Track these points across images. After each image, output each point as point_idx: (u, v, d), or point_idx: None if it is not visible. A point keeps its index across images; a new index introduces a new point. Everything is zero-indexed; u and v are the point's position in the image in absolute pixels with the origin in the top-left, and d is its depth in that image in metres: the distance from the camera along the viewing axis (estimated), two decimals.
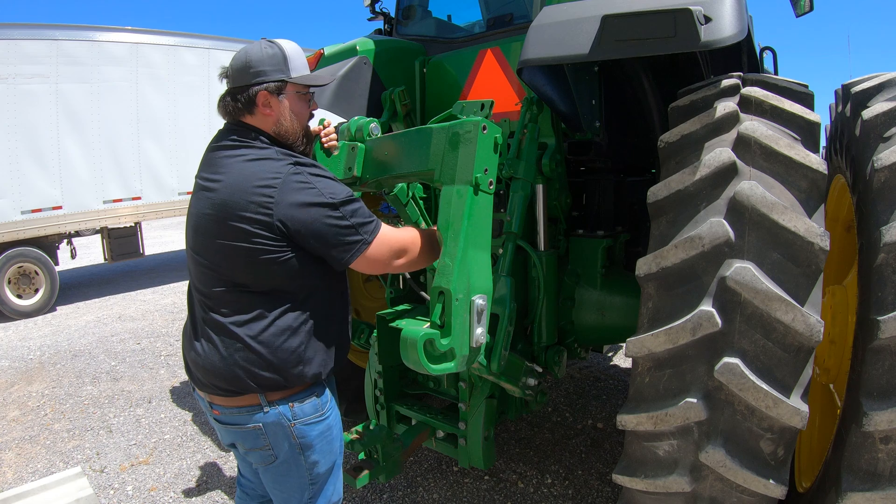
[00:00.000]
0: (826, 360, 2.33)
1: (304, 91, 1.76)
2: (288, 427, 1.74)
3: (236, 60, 1.73)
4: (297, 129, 1.76)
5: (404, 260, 1.73)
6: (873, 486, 1.64)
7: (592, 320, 2.89)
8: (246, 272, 1.64)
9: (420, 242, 1.78)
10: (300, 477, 1.84)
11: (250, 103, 1.69)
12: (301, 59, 1.76)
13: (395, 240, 1.71)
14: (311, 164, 1.68)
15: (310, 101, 1.82)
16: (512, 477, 3.32)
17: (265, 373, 1.67)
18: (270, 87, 1.68)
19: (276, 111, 1.71)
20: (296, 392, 1.75)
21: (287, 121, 1.73)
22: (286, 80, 1.70)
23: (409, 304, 3.01)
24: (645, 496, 1.86)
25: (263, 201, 1.55)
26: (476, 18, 3.56)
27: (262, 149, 1.67)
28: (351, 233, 1.61)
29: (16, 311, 7.84)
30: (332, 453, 1.89)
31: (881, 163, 1.79)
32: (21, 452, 3.93)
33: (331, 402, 1.87)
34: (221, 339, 1.69)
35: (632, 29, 2.01)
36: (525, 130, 2.57)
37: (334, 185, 1.65)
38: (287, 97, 1.72)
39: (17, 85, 7.69)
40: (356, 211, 1.64)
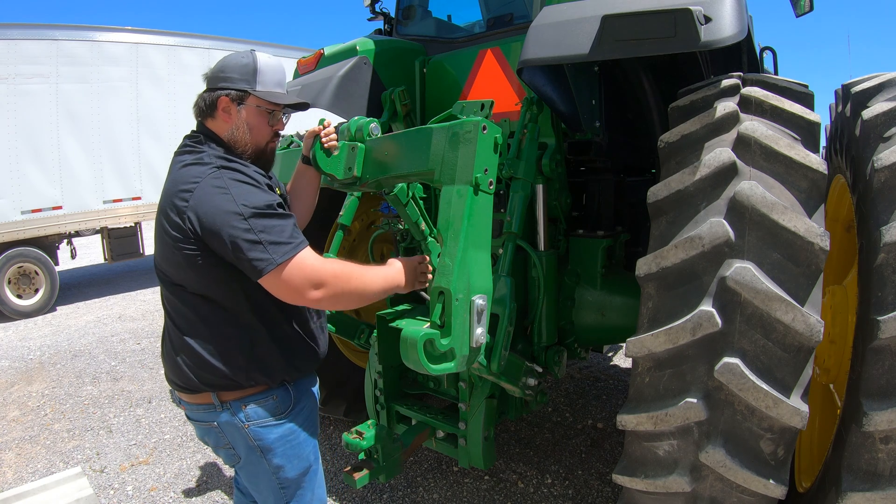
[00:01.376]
0: (826, 360, 2.33)
1: (266, 107, 1.76)
2: (242, 428, 1.74)
3: (216, 65, 1.80)
4: (248, 141, 1.76)
5: (322, 294, 1.55)
6: (873, 486, 1.64)
7: (592, 320, 2.89)
8: (179, 274, 1.66)
9: (352, 281, 1.62)
10: (268, 481, 1.84)
11: (212, 106, 1.73)
12: (274, 76, 1.77)
13: (315, 269, 1.55)
14: (238, 170, 1.61)
15: (271, 120, 1.80)
16: (512, 477, 3.32)
17: (211, 374, 1.70)
18: (231, 95, 1.72)
19: (233, 119, 1.73)
20: (251, 393, 1.74)
21: (240, 131, 1.74)
22: (248, 92, 1.72)
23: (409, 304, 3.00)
24: (645, 496, 1.86)
25: (180, 206, 1.56)
26: (476, 18, 3.56)
27: (199, 153, 1.68)
28: (257, 249, 1.49)
29: (16, 311, 7.84)
30: (300, 458, 1.85)
31: (881, 163, 1.79)
32: (21, 452, 3.93)
33: (297, 405, 1.83)
34: (172, 338, 1.75)
35: (632, 29, 2.01)
36: (525, 130, 2.57)
37: (253, 194, 1.56)
38: (246, 108, 1.73)
39: (17, 85, 7.69)
40: (270, 227, 1.52)
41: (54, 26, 8.06)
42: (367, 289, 1.66)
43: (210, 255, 1.58)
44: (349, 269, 1.64)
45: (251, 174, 1.64)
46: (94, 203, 8.49)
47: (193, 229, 1.55)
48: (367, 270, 1.70)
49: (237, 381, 1.71)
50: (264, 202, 1.55)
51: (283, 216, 1.58)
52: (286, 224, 1.57)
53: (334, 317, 2.88)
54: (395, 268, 1.78)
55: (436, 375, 2.69)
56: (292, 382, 1.83)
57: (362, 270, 1.68)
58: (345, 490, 3.26)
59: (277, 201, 1.61)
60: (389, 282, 1.73)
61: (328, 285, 1.56)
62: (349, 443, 2.52)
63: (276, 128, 1.83)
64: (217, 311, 1.67)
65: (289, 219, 1.59)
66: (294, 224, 1.61)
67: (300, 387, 1.87)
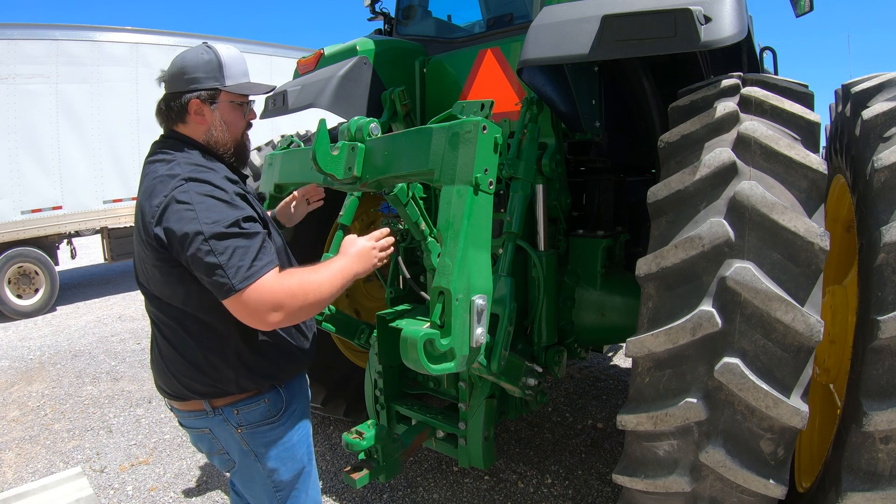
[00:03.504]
0: (826, 360, 2.33)
1: (238, 100, 1.73)
2: (235, 433, 1.73)
3: (173, 66, 1.70)
4: (227, 139, 1.73)
5: (281, 316, 1.49)
6: (873, 486, 1.64)
7: (592, 320, 2.89)
8: (157, 287, 1.64)
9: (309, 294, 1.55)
10: (263, 484, 1.83)
11: (182, 111, 1.67)
12: (239, 67, 1.71)
13: (273, 293, 1.47)
14: (207, 181, 1.54)
15: (245, 111, 1.77)
16: (512, 477, 3.32)
17: (199, 383, 1.69)
18: (202, 96, 1.65)
19: (208, 120, 1.68)
20: (241, 398, 1.73)
21: (218, 130, 1.70)
22: (219, 89, 1.67)
23: (409, 304, 3.00)
24: (645, 496, 1.86)
25: (150, 222, 1.53)
26: (476, 18, 3.56)
27: (170, 162, 1.61)
28: (219, 273, 1.43)
29: (16, 311, 7.84)
30: (294, 460, 1.84)
31: (881, 163, 1.79)
32: (21, 452, 3.93)
33: (289, 408, 1.81)
34: (159, 347, 1.74)
35: (632, 29, 2.01)
36: (525, 130, 2.57)
37: (217, 209, 1.49)
38: (220, 106, 1.68)
39: (17, 85, 7.69)
40: (233, 250, 1.45)
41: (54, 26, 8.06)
42: (324, 294, 1.60)
43: (183, 270, 1.55)
44: (304, 282, 1.55)
45: (220, 184, 1.56)
46: (94, 203, 8.49)
47: (163, 246, 1.52)
48: (322, 274, 1.62)
49: (226, 389, 1.70)
50: (230, 219, 1.48)
51: (249, 235, 1.50)
52: (251, 245, 1.49)
53: (334, 317, 2.88)
54: (348, 256, 1.75)
55: (436, 375, 2.69)
56: (283, 385, 1.81)
57: (317, 277, 1.60)
58: (345, 490, 3.26)
59: (244, 216, 1.53)
60: (346, 274, 1.70)
61: (285, 306, 1.49)
62: (349, 443, 2.52)
63: (249, 118, 1.80)
64: (198, 322, 1.64)
65: (254, 237, 1.51)
66: (262, 241, 1.53)
67: (291, 388, 1.85)
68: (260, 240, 1.52)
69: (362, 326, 3.05)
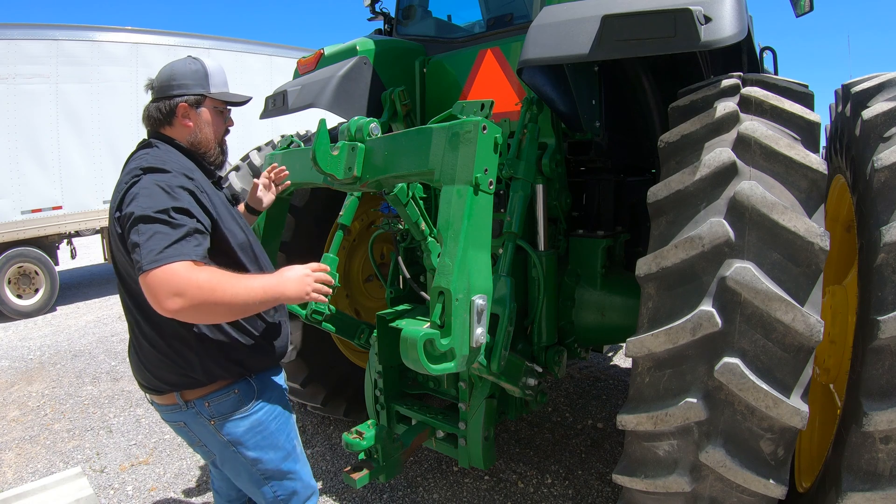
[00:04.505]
0: (826, 360, 2.33)
1: (220, 107, 1.90)
2: (209, 425, 1.78)
3: (162, 74, 1.88)
4: (211, 139, 1.89)
5: (180, 305, 1.47)
6: (873, 486, 1.64)
7: (592, 320, 2.89)
8: (125, 273, 1.74)
9: (217, 291, 1.52)
10: (249, 473, 1.88)
11: (171, 114, 1.83)
12: (221, 77, 1.90)
13: (178, 280, 1.47)
14: (160, 171, 1.63)
15: (226, 118, 1.95)
16: (512, 477, 3.32)
17: (169, 373, 1.74)
18: (190, 100, 1.82)
19: (194, 123, 1.84)
20: (212, 390, 1.78)
21: (202, 132, 1.86)
22: (205, 95, 1.84)
23: (409, 304, 3.00)
24: (645, 496, 1.86)
25: (114, 208, 1.68)
26: (476, 18, 3.56)
27: (143, 157, 1.73)
28: (136, 252, 1.50)
29: (16, 311, 7.84)
30: (275, 448, 1.88)
31: (881, 163, 1.79)
32: (21, 452, 3.93)
33: (261, 396, 1.86)
34: (135, 339, 1.81)
35: (632, 29, 2.01)
36: (525, 130, 2.57)
37: (156, 198, 1.56)
38: (204, 110, 1.86)
39: (17, 85, 7.69)
40: (153, 233, 1.51)
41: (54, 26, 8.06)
42: (236, 300, 1.56)
43: None
44: (218, 281, 1.53)
45: (172, 176, 1.63)
46: (94, 203, 8.48)
47: (117, 226, 1.64)
48: (243, 283, 1.61)
49: (196, 379, 1.75)
50: (161, 207, 1.54)
51: (173, 224, 1.53)
52: (172, 233, 1.51)
53: (334, 317, 2.88)
54: (280, 277, 1.74)
55: (436, 375, 2.70)
56: (253, 375, 1.85)
57: (235, 282, 1.58)
58: (345, 490, 3.26)
59: (176, 206, 1.56)
60: (269, 292, 1.65)
61: (186, 295, 1.47)
62: (349, 443, 2.52)
63: (227, 124, 1.97)
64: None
65: (178, 228, 1.53)
66: (186, 233, 1.54)
67: (262, 379, 1.89)
68: (183, 231, 1.54)
69: (362, 326, 3.05)
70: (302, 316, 2.77)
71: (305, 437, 3.93)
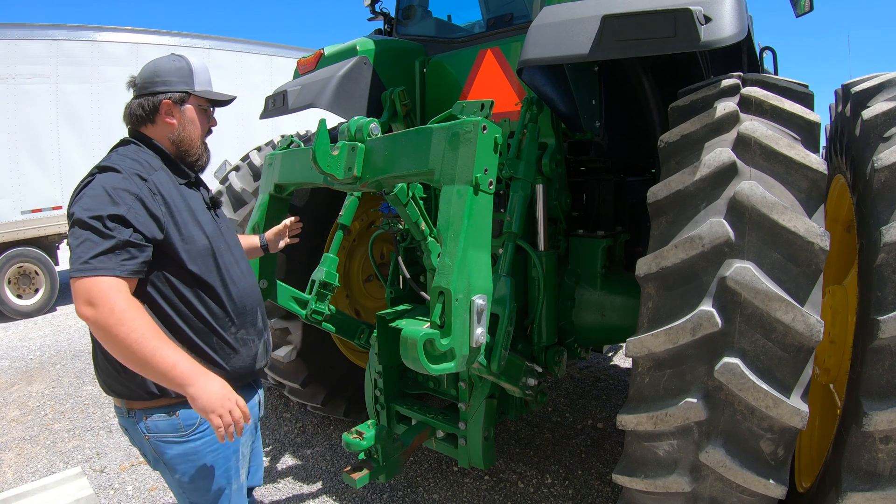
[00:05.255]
0: (826, 360, 2.33)
1: (204, 105, 1.84)
2: (143, 438, 1.72)
3: (145, 70, 1.82)
4: (194, 138, 1.82)
5: (89, 313, 1.45)
6: (873, 486, 1.64)
7: (592, 320, 2.89)
8: None
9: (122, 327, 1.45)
10: (179, 493, 1.81)
11: (154, 111, 1.76)
12: (206, 76, 1.84)
13: (97, 293, 1.45)
14: (113, 171, 1.60)
15: (209, 117, 1.89)
16: (512, 477, 3.32)
17: (115, 382, 1.71)
18: (174, 97, 1.77)
19: (177, 120, 1.78)
20: (156, 406, 1.69)
21: (185, 130, 1.80)
22: (189, 92, 1.79)
23: (409, 304, 3.00)
24: (645, 496, 1.86)
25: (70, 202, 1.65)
26: (476, 18, 3.56)
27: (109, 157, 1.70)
28: (70, 255, 1.51)
29: (16, 311, 7.84)
30: (207, 479, 1.75)
31: (881, 163, 1.79)
32: (21, 452, 3.93)
33: (203, 425, 1.71)
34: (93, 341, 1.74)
35: (632, 29, 2.01)
36: (525, 130, 2.57)
37: (97, 201, 1.53)
38: (187, 108, 1.80)
39: (17, 85, 7.69)
40: (83, 240, 1.50)
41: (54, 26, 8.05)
42: (135, 352, 1.47)
43: None
44: (132, 318, 1.46)
45: (119, 180, 1.58)
46: None
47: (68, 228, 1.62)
48: (159, 343, 1.49)
49: (138, 393, 1.68)
50: (97, 212, 1.51)
51: (103, 234, 1.50)
52: (101, 243, 1.49)
53: (334, 317, 2.89)
54: (205, 378, 1.53)
55: (436, 375, 2.70)
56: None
57: (151, 336, 1.48)
58: (345, 490, 3.26)
59: (112, 213, 1.52)
60: (180, 376, 1.50)
61: (96, 310, 1.45)
62: (349, 443, 2.52)
63: (211, 124, 1.89)
64: None
65: (108, 238, 1.50)
66: (115, 244, 1.50)
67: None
68: (112, 243, 1.50)
69: (362, 326, 3.05)
70: (302, 316, 2.77)
71: (305, 437, 3.93)
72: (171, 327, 1.67)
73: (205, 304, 1.72)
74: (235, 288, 1.80)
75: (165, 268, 1.65)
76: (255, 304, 1.90)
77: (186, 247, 1.68)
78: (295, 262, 3.28)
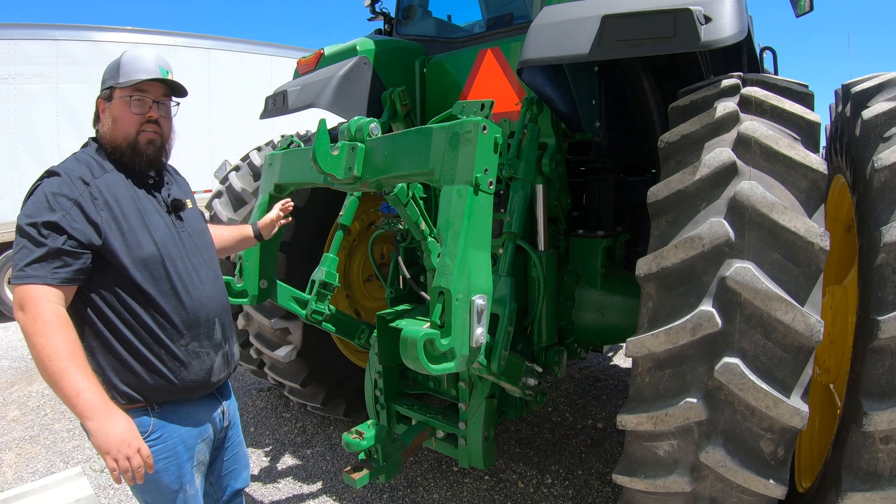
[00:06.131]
0: (826, 360, 2.33)
1: (127, 95, 1.73)
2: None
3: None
4: (116, 132, 1.75)
5: (21, 318, 1.51)
6: (873, 486, 1.64)
7: (592, 320, 2.89)
8: None
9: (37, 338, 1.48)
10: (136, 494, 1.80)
11: (96, 113, 1.81)
12: (137, 65, 1.74)
13: (27, 301, 1.50)
14: (55, 175, 1.62)
15: (135, 107, 1.75)
16: (512, 477, 3.32)
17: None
18: (103, 95, 1.77)
19: (106, 116, 1.77)
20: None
21: (106, 126, 1.77)
22: (113, 87, 1.74)
23: (409, 304, 3.01)
24: (645, 496, 1.86)
25: None
26: (476, 18, 3.56)
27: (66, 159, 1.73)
28: (14, 260, 1.56)
29: None
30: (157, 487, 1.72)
31: (881, 163, 1.79)
32: (21, 452, 3.93)
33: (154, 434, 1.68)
34: None
35: (632, 29, 2.01)
36: (525, 130, 2.57)
37: (36, 207, 1.57)
38: (113, 103, 1.76)
39: (17, 85, 7.69)
40: (21, 247, 1.54)
41: (54, 26, 8.05)
42: (44, 366, 1.48)
43: None
44: (49, 333, 1.48)
45: (59, 185, 1.60)
46: None
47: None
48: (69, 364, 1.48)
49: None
50: (33, 220, 1.55)
51: (37, 242, 1.53)
52: (34, 251, 1.53)
53: (334, 317, 2.89)
54: (108, 414, 1.51)
55: (436, 375, 2.70)
56: (154, 408, 1.71)
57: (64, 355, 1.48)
58: (345, 490, 3.26)
59: (47, 221, 1.54)
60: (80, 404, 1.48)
61: (25, 315, 1.50)
62: (349, 443, 2.52)
63: (147, 114, 1.76)
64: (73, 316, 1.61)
65: (41, 246, 1.53)
66: (47, 252, 1.53)
67: (164, 414, 1.73)
68: (44, 251, 1.53)
69: (362, 326, 3.05)
70: (302, 316, 2.77)
71: (305, 437, 3.93)
72: (116, 335, 1.66)
73: (150, 314, 1.69)
74: (189, 298, 1.75)
75: (109, 274, 1.64)
76: (214, 315, 1.84)
77: (130, 253, 1.65)
78: (295, 262, 3.28)
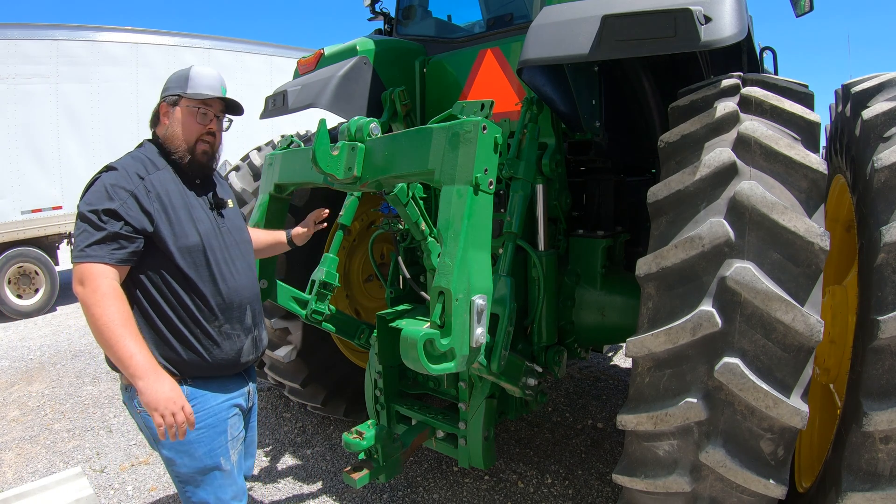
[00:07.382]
0: (826, 360, 2.33)
1: (195, 106, 1.95)
2: (136, 412, 1.87)
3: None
4: (180, 137, 1.95)
5: (79, 291, 1.70)
6: (873, 486, 1.64)
7: (592, 320, 2.89)
8: None
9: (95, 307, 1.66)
10: (167, 469, 1.92)
11: (156, 113, 2.01)
12: (205, 81, 1.96)
13: (86, 275, 1.69)
14: (112, 169, 1.83)
15: (199, 118, 1.95)
16: (512, 477, 3.32)
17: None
18: (168, 100, 1.97)
19: (169, 120, 1.97)
20: None
21: (170, 129, 1.96)
22: (181, 95, 1.95)
23: (409, 304, 3.01)
24: (645, 496, 1.86)
25: None
26: (476, 18, 3.56)
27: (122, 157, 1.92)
28: (73, 242, 1.77)
29: (16, 311, 7.84)
30: (191, 457, 1.86)
31: (881, 163, 1.79)
32: (21, 452, 3.93)
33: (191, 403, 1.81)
34: None
35: (632, 29, 2.01)
36: (525, 130, 2.57)
37: (96, 196, 1.76)
38: (178, 109, 1.95)
39: (17, 85, 7.69)
40: (81, 230, 1.73)
41: (54, 26, 8.05)
42: (102, 334, 1.66)
43: None
44: (107, 304, 1.67)
45: (116, 177, 1.80)
46: None
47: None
48: (124, 332, 1.67)
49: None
50: (94, 207, 1.74)
51: (97, 226, 1.72)
52: (94, 234, 1.72)
53: (334, 317, 2.89)
54: (156, 376, 1.70)
55: (436, 375, 2.70)
56: (185, 381, 1.87)
57: (119, 324, 1.66)
58: (345, 490, 3.26)
59: (107, 208, 1.73)
60: (133, 367, 1.67)
61: (84, 289, 1.69)
62: (349, 443, 2.52)
63: (207, 126, 1.98)
64: (131, 291, 1.82)
65: (100, 230, 1.72)
66: (105, 236, 1.71)
67: (197, 386, 1.90)
68: (103, 234, 1.72)
69: (362, 326, 3.05)
70: (302, 316, 2.77)
71: (305, 437, 3.93)
72: (159, 313, 1.85)
73: (190, 296, 1.88)
74: (225, 285, 1.94)
75: (157, 259, 1.83)
76: (246, 302, 2.03)
77: (177, 241, 1.84)
78: (295, 262, 3.28)
